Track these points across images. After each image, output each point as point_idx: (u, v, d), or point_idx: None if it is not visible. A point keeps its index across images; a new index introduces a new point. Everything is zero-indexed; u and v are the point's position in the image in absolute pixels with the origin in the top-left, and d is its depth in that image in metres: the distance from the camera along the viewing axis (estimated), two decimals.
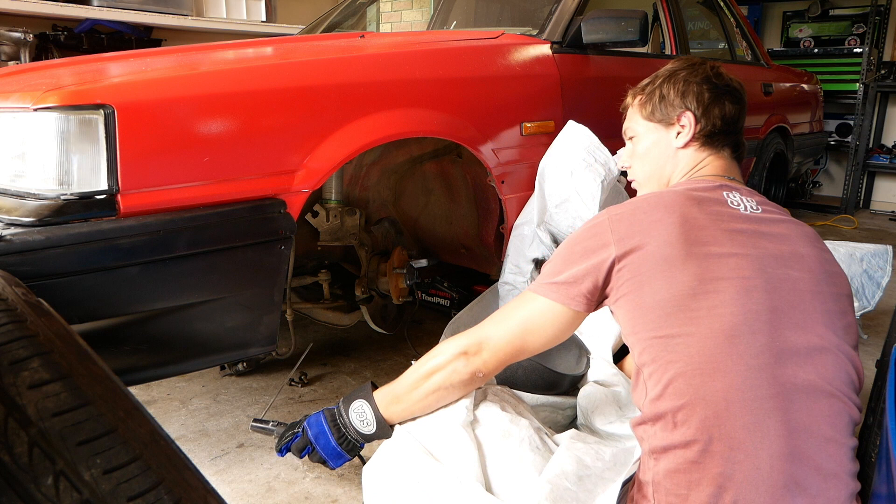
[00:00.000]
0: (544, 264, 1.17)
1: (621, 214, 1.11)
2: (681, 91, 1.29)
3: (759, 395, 0.93)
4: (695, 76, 1.30)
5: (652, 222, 1.08)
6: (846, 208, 5.00)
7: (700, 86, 1.28)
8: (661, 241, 1.05)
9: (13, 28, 3.10)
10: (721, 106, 1.27)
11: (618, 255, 1.07)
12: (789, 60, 4.98)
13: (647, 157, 1.34)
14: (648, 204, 1.13)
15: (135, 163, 1.25)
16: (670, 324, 1.00)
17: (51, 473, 0.60)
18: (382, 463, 1.16)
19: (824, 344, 0.98)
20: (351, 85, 1.56)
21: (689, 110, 1.28)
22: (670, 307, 1.01)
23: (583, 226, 1.16)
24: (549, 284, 1.13)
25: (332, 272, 2.12)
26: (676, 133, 1.29)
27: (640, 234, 1.08)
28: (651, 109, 1.33)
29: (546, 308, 1.12)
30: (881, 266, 2.23)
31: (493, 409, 1.21)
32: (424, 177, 2.19)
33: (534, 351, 1.15)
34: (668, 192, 1.17)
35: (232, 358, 1.60)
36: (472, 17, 3.25)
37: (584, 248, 1.11)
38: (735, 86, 1.31)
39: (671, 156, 1.30)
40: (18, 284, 0.84)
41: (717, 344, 0.96)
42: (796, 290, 1.03)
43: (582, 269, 1.09)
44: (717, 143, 1.28)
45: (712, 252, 1.05)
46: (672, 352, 0.99)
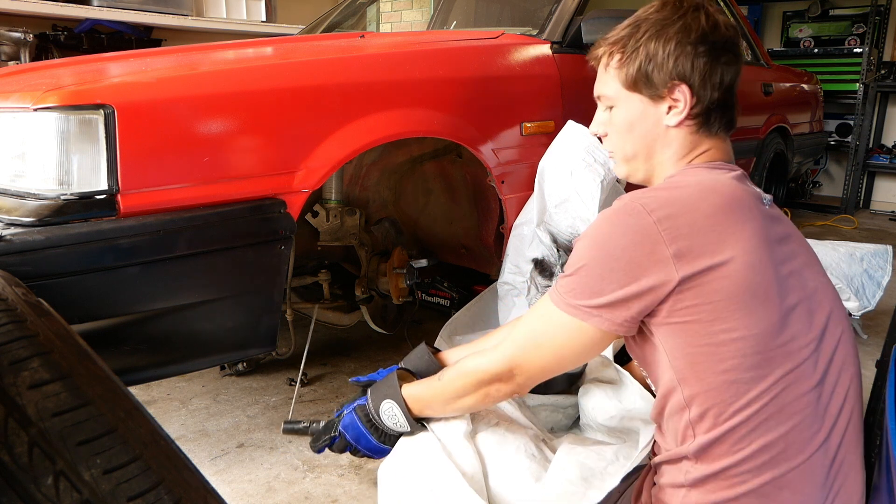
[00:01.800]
0: (568, 272, 0.95)
1: (672, 215, 0.88)
2: (673, 54, 0.99)
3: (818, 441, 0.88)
4: (688, 32, 0.99)
5: (723, 231, 0.87)
6: (846, 208, 5.00)
7: (696, 46, 0.98)
8: (743, 262, 0.86)
9: (13, 28, 3.09)
10: (720, 71, 1.00)
11: (682, 278, 0.86)
12: (789, 60, 4.98)
13: (631, 134, 1.06)
14: (707, 202, 0.90)
15: (135, 163, 1.25)
16: (742, 367, 0.86)
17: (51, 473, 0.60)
18: (399, 464, 1.15)
19: (851, 356, 0.95)
20: (351, 85, 1.56)
21: (685, 82, 0.99)
22: (748, 349, 0.86)
23: (609, 222, 0.92)
24: (589, 309, 0.92)
25: (332, 272, 2.12)
26: (668, 108, 1.01)
27: (711, 248, 0.86)
28: (634, 76, 1.02)
29: (585, 332, 0.94)
30: (881, 266, 2.23)
31: (489, 418, 1.21)
32: (424, 177, 2.19)
33: (570, 367, 1.04)
34: (722, 182, 0.94)
35: (232, 358, 1.60)
36: (472, 17, 3.25)
37: (629, 262, 0.88)
38: (731, 35, 1.02)
39: (661, 135, 1.03)
40: (18, 284, 0.84)
41: (789, 390, 0.87)
42: (826, 300, 0.95)
43: (631, 290, 0.89)
44: (714, 120, 1.02)
45: (784, 271, 0.90)
46: (738, 396, 0.86)
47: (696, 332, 0.87)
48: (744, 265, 0.86)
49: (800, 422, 0.86)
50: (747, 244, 0.87)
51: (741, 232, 0.87)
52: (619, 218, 0.92)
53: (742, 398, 0.86)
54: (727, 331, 0.86)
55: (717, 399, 0.87)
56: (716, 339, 0.86)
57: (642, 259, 0.87)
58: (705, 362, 0.87)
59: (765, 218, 0.92)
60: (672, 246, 0.86)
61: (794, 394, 0.86)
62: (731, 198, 0.91)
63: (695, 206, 0.89)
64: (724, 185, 0.93)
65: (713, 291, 0.86)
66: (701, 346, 0.87)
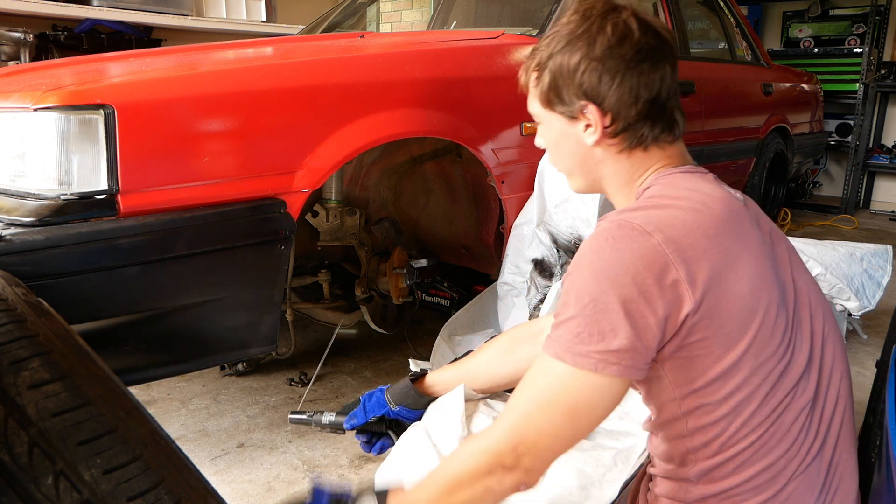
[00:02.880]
0: (567, 314, 0.81)
1: (674, 238, 0.79)
2: (578, 71, 0.89)
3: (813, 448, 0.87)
4: (592, 45, 0.88)
5: (728, 250, 0.81)
6: (846, 208, 5.00)
7: (602, 61, 0.88)
8: (751, 283, 0.81)
9: (13, 28, 3.09)
10: (636, 84, 0.88)
11: (697, 304, 0.78)
12: (789, 60, 4.98)
13: (559, 152, 0.99)
14: (706, 219, 0.82)
15: (135, 163, 1.25)
16: (749, 395, 0.82)
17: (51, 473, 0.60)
18: (397, 467, 1.15)
19: (839, 351, 0.94)
20: (351, 85, 1.56)
21: (593, 101, 0.89)
22: (755, 377, 0.82)
23: (609, 246, 0.80)
24: (603, 355, 0.78)
25: (332, 272, 2.12)
26: (584, 127, 0.92)
27: (719, 270, 0.79)
28: (547, 94, 0.94)
29: (602, 386, 0.80)
30: (881, 266, 2.23)
31: (486, 422, 1.20)
32: (424, 177, 2.19)
33: (586, 434, 0.86)
34: (710, 193, 0.86)
35: (232, 358, 1.60)
36: (472, 17, 3.25)
37: (643, 291, 0.77)
38: (649, 39, 0.89)
39: (588, 153, 0.95)
40: (18, 284, 0.84)
41: (789, 409, 0.84)
42: (812, 297, 0.91)
43: (650, 324, 0.78)
44: (645, 135, 0.91)
45: (784, 278, 0.87)
46: (742, 424, 0.83)
47: (706, 364, 0.81)
48: (752, 286, 0.81)
49: (798, 435, 0.85)
50: (751, 260, 0.82)
51: (744, 248, 0.82)
52: (619, 241, 0.80)
53: (746, 425, 0.83)
54: (737, 361, 0.80)
55: (721, 429, 0.83)
56: (725, 370, 0.81)
57: (654, 285, 0.77)
58: (714, 395, 0.82)
59: (754, 224, 0.88)
60: (682, 269, 0.78)
61: (794, 411, 0.85)
62: (726, 211, 0.84)
63: (694, 225, 0.81)
64: (714, 197, 0.86)
65: (724, 318, 0.79)
66: (710, 378, 0.81)
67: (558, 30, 0.93)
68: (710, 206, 0.84)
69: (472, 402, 1.26)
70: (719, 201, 0.85)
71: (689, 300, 0.78)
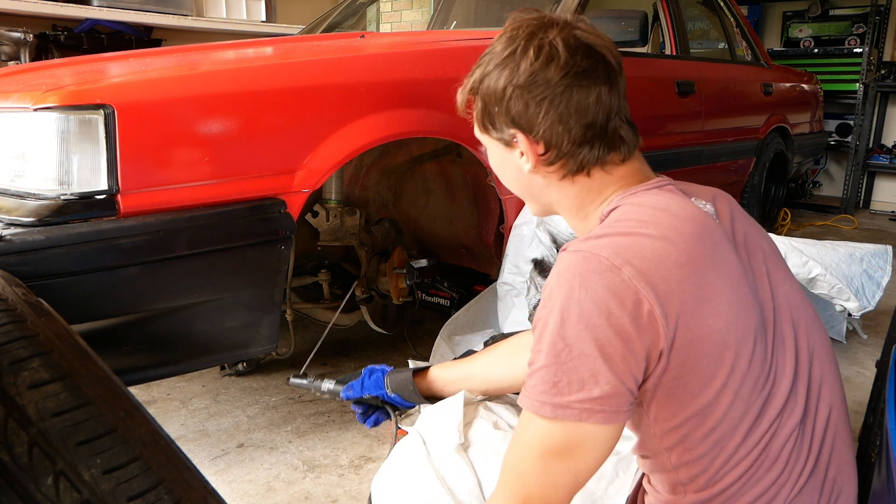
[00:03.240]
0: (540, 363, 0.76)
1: (644, 272, 0.74)
2: (505, 96, 0.84)
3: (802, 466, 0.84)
4: (515, 73, 0.83)
5: (701, 278, 0.76)
6: (846, 208, 5.00)
7: (529, 86, 0.82)
8: (723, 319, 0.76)
9: (13, 28, 3.09)
10: (570, 107, 0.83)
11: (672, 339, 0.75)
12: (789, 60, 4.98)
13: (505, 178, 0.95)
14: (676, 247, 0.77)
15: (135, 163, 1.25)
16: (731, 429, 0.79)
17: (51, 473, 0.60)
18: (391, 477, 1.15)
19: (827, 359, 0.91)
20: (351, 85, 1.56)
21: (521, 130, 0.85)
22: (736, 410, 0.79)
23: (578, 286, 0.74)
24: (582, 404, 0.74)
25: (332, 272, 2.12)
26: (520, 154, 0.88)
27: (693, 303, 0.75)
28: (481, 118, 0.90)
29: (588, 433, 0.76)
30: (881, 266, 2.23)
31: (485, 429, 1.18)
32: (424, 177, 2.19)
33: (590, 476, 0.82)
34: (678, 213, 0.80)
35: (232, 358, 1.60)
36: (472, 17, 3.25)
37: (618, 330, 0.73)
38: (593, 55, 0.83)
39: (530, 180, 0.90)
40: (18, 284, 0.84)
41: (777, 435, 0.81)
42: (794, 303, 0.88)
43: (629, 366, 0.74)
44: (586, 160, 0.85)
45: (762, 295, 0.83)
46: (728, 458, 0.80)
47: (684, 401, 0.78)
48: (727, 318, 0.76)
49: (788, 460, 0.82)
50: (727, 289, 0.77)
51: (719, 275, 0.77)
52: (588, 279, 0.74)
53: (731, 460, 0.80)
54: (714, 397, 0.77)
55: (706, 465, 0.81)
56: (703, 406, 0.78)
57: (630, 324, 0.73)
58: (694, 432, 0.79)
59: (727, 240, 0.83)
60: (655, 303, 0.73)
61: (782, 437, 0.82)
62: (697, 233, 0.79)
63: (665, 254, 0.76)
64: (683, 217, 0.80)
65: (699, 354, 0.76)
66: (688, 416, 0.79)
67: (490, 50, 0.88)
68: (680, 230, 0.78)
69: (473, 405, 1.25)
70: (690, 222, 0.80)
71: (664, 336, 0.74)
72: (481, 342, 1.71)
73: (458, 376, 1.27)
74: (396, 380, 1.29)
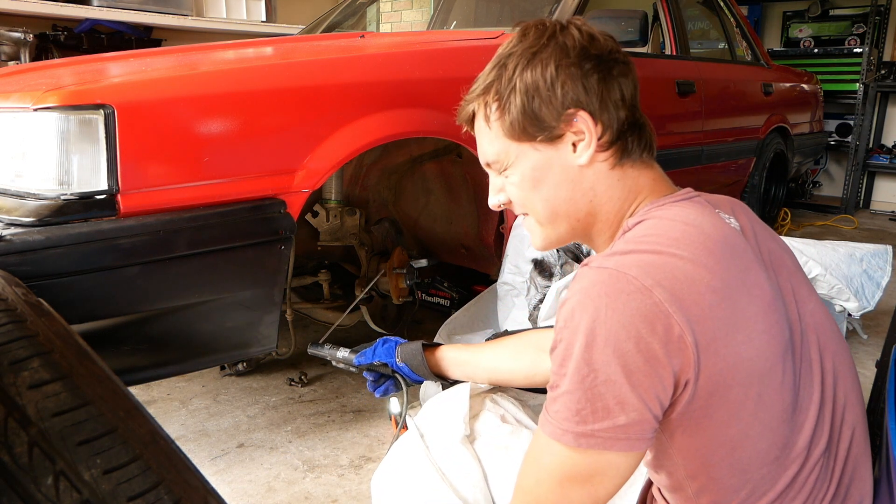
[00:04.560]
0: (565, 387, 0.73)
1: (676, 294, 0.70)
2: (557, 80, 0.81)
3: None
4: (566, 51, 0.82)
5: (734, 303, 0.73)
6: (846, 208, 5.00)
7: (580, 65, 0.81)
8: (754, 348, 0.73)
9: (13, 28, 3.09)
10: (617, 85, 0.82)
11: (702, 366, 0.71)
12: (789, 60, 4.98)
13: (539, 192, 0.85)
14: (708, 268, 0.72)
15: (135, 163, 1.25)
16: (758, 463, 0.77)
17: (51, 473, 0.60)
18: (391, 474, 1.15)
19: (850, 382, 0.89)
20: (351, 85, 1.56)
21: (582, 108, 0.81)
22: (763, 445, 0.76)
23: (605, 307, 0.70)
24: (611, 433, 0.71)
25: (332, 272, 2.12)
26: (572, 146, 0.83)
27: (725, 330, 0.71)
28: (520, 120, 0.83)
29: (610, 461, 0.73)
30: (881, 266, 2.23)
31: (492, 421, 1.18)
32: (424, 177, 2.19)
33: (609, 500, 0.80)
34: (708, 232, 0.76)
35: (232, 358, 1.60)
36: (472, 17, 3.25)
37: (648, 356, 0.69)
38: (613, 44, 0.85)
39: (577, 180, 0.84)
40: (18, 284, 0.84)
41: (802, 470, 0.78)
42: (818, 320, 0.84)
43: (657, 392, 0.71)
44: (633, 145, 0.84)
45: (792, 315, 0.79)
46: (751, 492, 0.78)
47: (711, 429, 0.74)
48: (759, 347, 0.73)
49: (813, 489, 0.79)
50: (759, 315, 0.74)
51: (751, 300, 0.74)
52: (616, 300, 0.70)
53: (757, 490, 0.77)
54: (746, 424, 0.74)
55: (730, 496, 0.77)
56: (733, 435, 0.74)
57: (661, 349, 0.69)
58: (721, 462, 0.76)
59: (756, 256, 0.79)
60: (686, 329, 0.69)
61: (808, 468, 0.78)
62: (728, 253, 0.75)
63: (698, 277, 0.71)
64: (715, 238, 0.76)
65: (729, 384, 0.72)
66: (717, 444, 0.75)
67: (510, 51, 0.85)
68: (713, 251, 0.74)
69: (479, 397, 1.26)
70: (721, 242, 0.76)
71: (693, 363, 0.70)
72: (483, 338, 1.71)
73: (466, 360, 1.27)
74: (407, 350, 1.30)
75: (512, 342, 1.26)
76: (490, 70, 0.86)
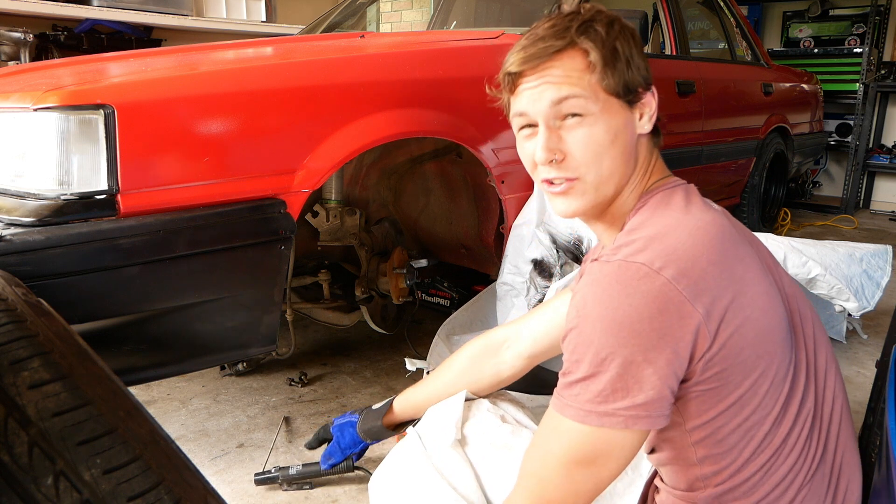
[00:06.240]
0: (584, 372, 0.76)
1: (683, 271, 0.75)
2: (639, 56, 0.89)
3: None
4: (632, 33, 0.90)
5: (733, 274, 0.78)
6: (846, 208, 5.00)
7: (640, 47, 0.90)
8: (759, 308, 0.79)
9: (13, 28, 3.09)
10: (647, 62, 0.92)
11: (714, 338, 0.75)
12: (789, 60, 4.98)
13: (612, 149, 0.87)
14: (706, 245, 0.78)
15: (135, 163, 1.25)
16: (762, 420, 0.81)
17: (51, 473, 0.60)
18: (389, 476, 1.15)
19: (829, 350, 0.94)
20: (351, 85, 1.56)
21: (651, 83, 0.92)
22: (768, 402, 0.81)
23: (618, 293, 0.75)
24: (631, 412, 0.74)
25: (332, 272, 2.12)
26: (639, 116, 0.90)
27: (730, 299, 0.76)
28: (618, 79, 0.86)
29: (625, 439, 0.77)
30: (881, 266, 2.23)
31: (492, 422, 1.18)
32: (424, 177, 2.19)
33: (610, 483, 0.83)
34: (699, 216, 0.82)
35: (232, 358, 1.60)
36: (472, 17, 3.25)
37: (662, 336, 0.73)
38: None
39: (633, 147, 0.90)
40: (18, 284, 0.84)
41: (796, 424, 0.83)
42: (798, 297, 0.91)
43: (674, 369, 0.75)
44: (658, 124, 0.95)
45: (785, 291, 0.87)
46: (754, 449, 0.82)
47: (722, 395, 0.79)
48: (762, 307, 0.78)
49: (804, 448, 0.84)
50: (755, 280, 0.79)
51: (746, 269, 0.79)
52: (628, 285, 0.74)
53: (758, 448, 0.81)
54: (751, 386, 0.78)
55: (735, 456, 0.82)
56: (740, 397, 0.79)
57: (673, 327, 0.73)
58: (728, 423, 0.80)
59: (743, 238, 0.85)
60: (697, 303, 0.74)
61: (800, 425, 0.83)
62: (720, 232, 0.80)
63: (698, 254, 0.76)
64: (706, 220, 0.81)
65: (740, 346, 0.76)
66: (724, 408, 0.79)
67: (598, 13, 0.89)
68: (706, 230, 0.80)
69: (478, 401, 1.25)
70: (713, 223, 0.81)
71: (707, 335, 0.74)
72: None
73: (422, 399, 1.29)
74: (371, 430, 1.38)
75: (461, 360, 1.28)
76: (596, 22, 0.87)
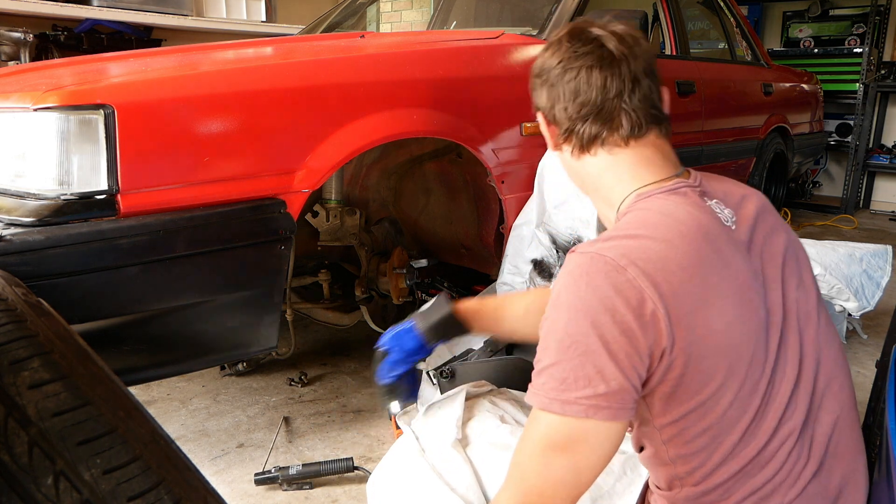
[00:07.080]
0: (549, 360, 0.79)
1: (647, 272, 0.77)
2: (538, 80, 0.96)
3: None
4: (549, 49, 0.94)
5: (703, 281, 0.78)
6: (846, 208, 5.00)
7: (552, 65, 0.92)
8: (724, 322, 0.79)
9: (13, 28, 3.09)
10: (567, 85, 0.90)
11: (675, 338, 0.76)
12: (789, 60, 4.98)
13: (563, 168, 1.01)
14: (676, 249, 0.79)
15: (135, 163, 1.25)
16: (730, 429, 0.81)
17: (51, 473, 0.60)
18: (387, 476, 1.15)
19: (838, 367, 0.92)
20: (351, 85, 1.56)
21: (538, 108, 0.96)
22: (735, 412, 0.81)
23: (585, 285, 0.77)
24: (593, 400, 0.75)
25: (332, 272, 2.12)
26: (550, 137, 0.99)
27: (693, 307, 0.77)
28: None
29: (593, 430, 0.77)
30: (881, 266, 2.23)
31: (492, 422, 1.18)
32: (424, 177, 2.19)
33: (594, 477, 0.82)
34: (681, 218, 0.83)
35: (232, 358, 1.60)
36: (472, 17, 3.25)
37: (624, 328, 0.75)
38: (595, 41, 0.91)
39: (564, 162, 0.98)
40: (18, 284, 0.84)
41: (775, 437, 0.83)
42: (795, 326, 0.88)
43: (634, 362, 0.76)
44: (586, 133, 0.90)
45: (771, 300, 0.85)
46: (725, 455, 0.82)
47: (683, 398, 0.80)
48: (728, 322, 0.79)
49: (786, 461, 0.83)
50: (730, 293, 0.80)
51: (722, 279, 0.80)
52: (594, 277, 0.77)
53: (729, 455, 0.82)
54: (715, 393, 0.79)
55: (703, 459, 0.83)
56: (703, 401, 0.80)
57: (635, 321, 0.75)
58: (693, 426, 0.81)
59: (738, 245, 0.85)
60: (659, 303, 0.75)
61: (779, 439, 0.82)
62: (702, 238, 0.81)
63: (668, 257, 0.78)
64: (690, 224, 0.82)
65: (701, 354, 0.77)
66: (689, 409, 0.80)
67: None
68: (684, 234, 0.80)
69: (478, 399, 1.25)
70: (694, 227, 0.82)
71: (666, 336, 0.76)
72: (481, 342, 1.71)
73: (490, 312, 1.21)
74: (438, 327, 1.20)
75: (526, 301, 1.20)
76: None
